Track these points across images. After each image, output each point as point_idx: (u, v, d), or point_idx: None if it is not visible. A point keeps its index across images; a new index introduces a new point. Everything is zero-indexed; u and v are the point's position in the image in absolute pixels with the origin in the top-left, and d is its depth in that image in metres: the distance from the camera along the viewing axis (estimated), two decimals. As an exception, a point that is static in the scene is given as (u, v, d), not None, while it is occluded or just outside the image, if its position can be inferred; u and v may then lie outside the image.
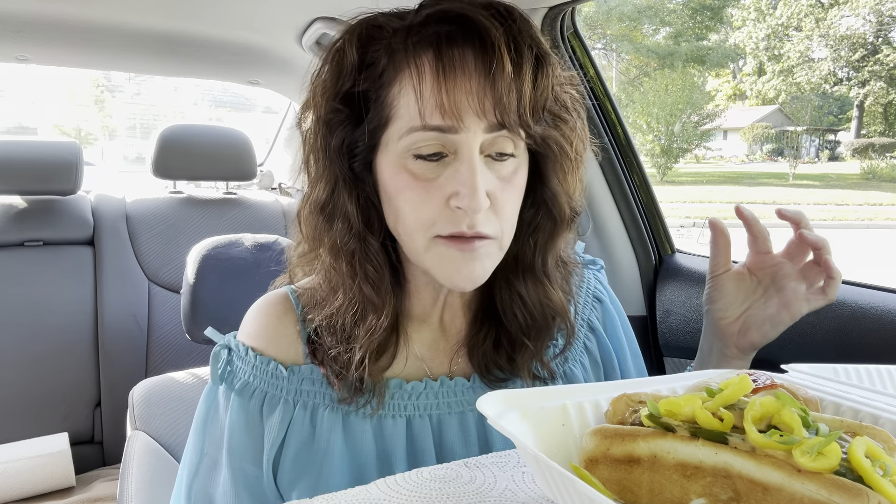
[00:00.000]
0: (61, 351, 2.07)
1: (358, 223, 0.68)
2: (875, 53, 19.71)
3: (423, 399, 0.73)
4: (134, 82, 19.99)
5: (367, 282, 0.69)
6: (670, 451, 0.40)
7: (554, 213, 0.72)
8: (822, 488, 0.35)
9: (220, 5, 1.48)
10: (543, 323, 0.74)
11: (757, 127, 20.61)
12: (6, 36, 1.63)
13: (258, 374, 0.72)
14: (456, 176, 0.63)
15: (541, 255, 0.74)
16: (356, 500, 0.45)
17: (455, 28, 0.64)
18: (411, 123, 0.63)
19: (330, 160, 0.68)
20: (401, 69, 0.65)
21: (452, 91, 0.62)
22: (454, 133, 0.63)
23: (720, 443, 0.39)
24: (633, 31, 20.82)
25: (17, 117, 20.08)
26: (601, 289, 0.87)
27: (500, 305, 0.75)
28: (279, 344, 0.74)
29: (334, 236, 0.69)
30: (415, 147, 0.64)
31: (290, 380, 0.72)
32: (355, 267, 0.69)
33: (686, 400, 0.42)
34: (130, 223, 2.26)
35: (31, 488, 1.85)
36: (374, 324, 0.69)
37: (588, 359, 0.82)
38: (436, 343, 0.77)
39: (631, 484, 0.42)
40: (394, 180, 0.66)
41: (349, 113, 0.67)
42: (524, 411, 0.47)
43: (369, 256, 0.69)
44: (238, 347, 0.74)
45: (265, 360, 0.72)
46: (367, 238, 0.69)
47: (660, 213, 1.58)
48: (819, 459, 0.36)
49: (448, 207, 0.64)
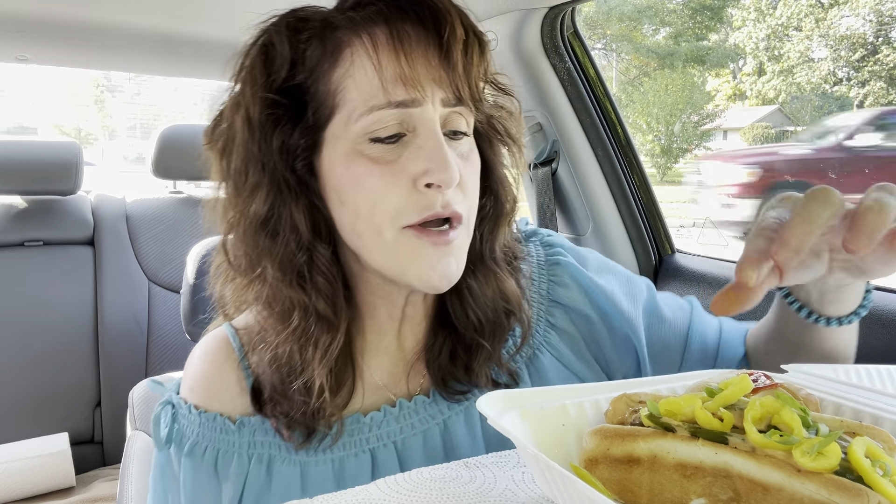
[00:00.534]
0: (61, 351, 2.07)
1: (307, 232, 0.63)
2: (875, 53, 19.70)
3: (385, 427, 0.68)
4: (134, 82, 20.01)
5: (321, 296, 0.63)
6: (670, 451, 0.40)
7: (501, 199, 0.70)
8: (822, 488, 0.35)
9: (219, 5, 1.48)
10: (496, 318, 0.70)
11: (757, 127, 20.59)
12: (6, 36, 1.63)
13: (206, 432, 0.67)
14: (420, 153, 0.59)
15: (489, 245, 0.70)
16: (356, 500, 0.45)
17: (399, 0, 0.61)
18: (370, 102, 0.59)
19: (269, 166, 0.62)
20: (344, 50, 0.61)
21: (412, 60, 0.59)
22: (417, 106, 0.59)
23: (720, 443, 0.39)
24: (633, 32, 20.81)
25: (17, 117, 20.08)
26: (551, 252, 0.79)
27: (451, 307, 0.70)
28: (223, 397, 0.68)
29: (279, 251, 0.62)
30: (372, 129, 0.59)
31: (240, 433, 0.66)
32: (306, 281, 0.63)
33: (686, 400, 0.42)
34: (130, 223, 2.26)
35: (31, 488, 1.85)
36: (328, 345, 0.63)
37: (556, 335, 0.75)
38: (394, 364, 0.72)
39: (631, 484, 0.42)
40: (349, 171, 0.60)
41: (286, 110, 0.62)
42: (524, 411, 0.47)
43: (321, 267, 0.63)
44: (181, 405, 0.69)
45: (211, 416, 0.67)
46: (317, 247, 0.63)
47: (660, 213, 1.58)
48: (819, 459, 0.36)
49: (416, 190, 0.59)
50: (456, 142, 0.64)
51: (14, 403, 2.02)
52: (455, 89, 0.61)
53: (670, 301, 0.81)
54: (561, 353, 0.75)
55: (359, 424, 0.68)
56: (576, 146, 1.53)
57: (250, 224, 0.63)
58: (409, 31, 0.60)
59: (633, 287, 0.78)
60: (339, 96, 0.60)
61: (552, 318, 0.76)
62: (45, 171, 2.11)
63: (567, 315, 0.76)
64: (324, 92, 0.61)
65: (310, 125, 0.62)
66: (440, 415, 0.70)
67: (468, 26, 0.62)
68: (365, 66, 0.59)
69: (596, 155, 1.53)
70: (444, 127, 0.62)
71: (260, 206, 0.62)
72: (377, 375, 0.71)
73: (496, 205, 0.71)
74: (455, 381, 0.70)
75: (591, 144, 1.53)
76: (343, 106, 0.60)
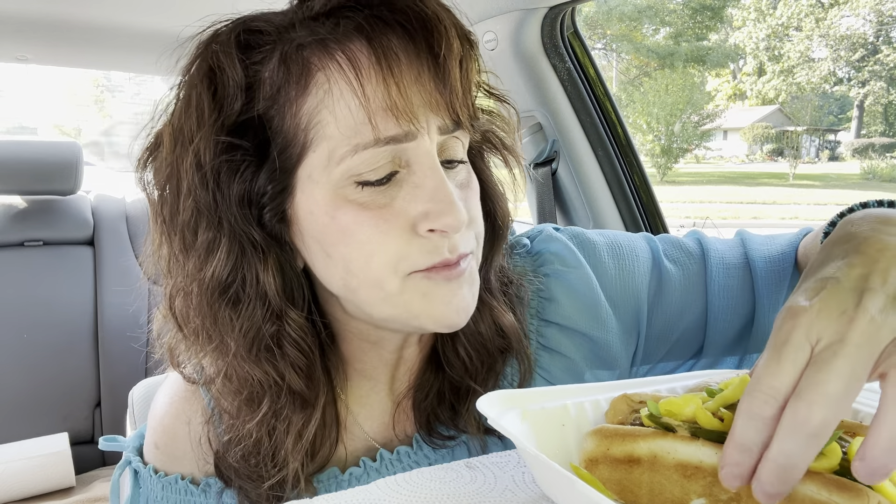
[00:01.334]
0: (61, 351, 2.07)
1: (277, 297, 0.52)
2: (875, 53, 19.71)
3: (365, 480, 0.60)
4: (134, 82, 19.98)
5: (294, 370, 0.54)
6: (670, 451, 0.40)
7: (497, 220, 0.63)
8: (823, 488, 0.35)
9: (219, 5, 1.47)
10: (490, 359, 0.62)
11: (757, 127, 20.61)
12: (6, 36, 1.63)
13: (170, 495, 0.61)
14: (418, 192, 0.50)
15: (483, 272, 0.61)
16: (357, 499, 0.45)
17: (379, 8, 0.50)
18: (355, 140, 0.49)
19: (228, 221, 0.51)
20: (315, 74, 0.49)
21: (404, 87, 0.48)
22: (411, 140, 0.50)
23: (721, 443, 0.39)
24: (633, 31, 20.82)
25: (17, 117, 20.07)
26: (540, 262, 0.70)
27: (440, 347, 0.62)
28: (190, 455, 0.61)
29: (243, 324, 0.52)
30: (359, 172, 0.49)
31: (206, 495, 0.60)
32: (275, 356, 0.53)
33: (686, 400, 0.42)
34: (130, 223, 2.26)
35: (31, 488, 1.85)
36: (302, 426, 0.55)
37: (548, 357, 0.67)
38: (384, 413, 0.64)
39: (631, 484, 0.42)
40: (334, 221, 0.50)
41: (245, 152, 0.51)
42: (525, 411, 0.47)
43: (293, 337, 0.53)
44: (141, 469, 0.63)
45: (173, 480, 0.61)
46: (288, 314, 0.53)
47: (660, 213, 1.58)
48: (819, 459, 0.36)
49: (417, 235, 0.51)
50: (452, 170, 0.55)
51: (14, 403, 2.02)
52: (453, 113, 0.52)
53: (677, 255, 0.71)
54: (553, 377, 0.66)
55: (337, 480, 0.60)
56: (576, 146, 1.53)
57: (206, 291, 0.52)
58: (396, 49, 0.49)
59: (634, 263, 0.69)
60: (314, 132, 0.50)
61: (543, 339, 0.67)
62: (45, 171, 2.11)
63: (561, 334, 0.67)
64: (292, 126, 0.50)
65: (277, 167, 0.51)
66: (426, 461, 0.62)
67: (463, 36, 0.52)
68: (345, 96, 0.49)
69: (596, 155, 1.53)
70: (439, 156, 0.53)
71: (219, 270, 0.51)
72: (365, 425, 0.64)
73: (493, 226, 0.63)
74: (440, 424, 0.62)
75: (591, 144, 1.53)
76: (319, 143, 0.50)
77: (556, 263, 0.68)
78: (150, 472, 0.63)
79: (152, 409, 0.66)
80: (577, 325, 0.67)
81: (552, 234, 0.71)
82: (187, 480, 0.61)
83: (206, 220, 0.51)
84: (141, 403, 1.26)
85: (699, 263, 0.70)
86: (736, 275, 0.68)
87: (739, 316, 0.68)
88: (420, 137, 0.50)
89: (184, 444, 0.62)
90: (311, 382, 0.55)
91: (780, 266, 0.67)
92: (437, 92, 0.50)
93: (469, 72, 0.52)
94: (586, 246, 0.70)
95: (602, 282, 0.68)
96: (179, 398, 0.64)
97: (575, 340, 0.67)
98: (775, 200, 13.02)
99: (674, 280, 0.69)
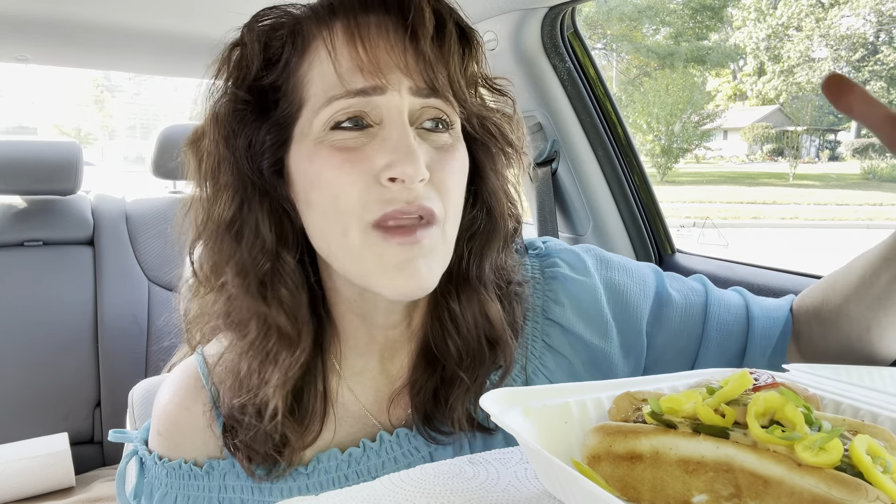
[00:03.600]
0: (61, 351, 2.07)
1: (270, 237, 0.59)
2: (875, 53, 19.72)
3: (365, 462, 0.63)
4: (134, 82, 20.01)
5: (281, 308, 0.59)
6: (672, 447, 0.41)
7: (494, 213, 0.65)
8: (822, 482, 0.35)
9: (219, 5, 1.48)
10: (478, 348, 0.64)
11: (757, 127, 20.62)
12: (6, 36, 1.63)
13: (174, 481, 0.64)
14: (385, 144, 0.55)
15: (476, 262, 0.64)
16: (361, 495, 0.46)
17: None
18: (329, 93, 0.56)
19: (236, 166, 0.59)
20: (310, 44, 0.59)
21: (371, 48, 0.56)
22: (380, 94, 0.56)
23: (722, 438, 0.40)
24: (633, 31, 20.83)
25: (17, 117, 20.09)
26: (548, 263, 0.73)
27: (431, 336, 0.65)
28: (193, 440, 0.65)
29: (242, 256, 0.59)
30: (333, 118, 0.56)
31: (209, 477, 0.64)
32: (267, 291, 0.59)
33: (687, 396, 0.43)
34: (130, 223, 2.26)
35: (31, 488, 1.85)
36: (287, 363, 0.59)
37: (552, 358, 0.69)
38: (379, 390, 0.67)
39: (633, 480, 0.42)
40: (312, 165, 0.57)
41: (253, 108, 0.60)
42: (527, 408, 0.47)
43: (284, 277, 0.59)
44: (146, 457, 0.66)
45: (176, 465, 0.64)
46: (281, 255, 0.60)
47: (660, 213, 1.58)
48: (821, 455, 0.36)
49: (379, 184, 0.55)
50: (433, 134, 0.59)
51: (14, 403, 2.02)
52: (427, 78, 0.57)
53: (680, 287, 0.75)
54: (556, 378, 0.68)
55: (336, 461, 0.63)
56: (576, 146, 1.53)
57: (217, 227, 0.60)
58: (370, 21, 0.57)
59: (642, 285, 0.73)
60: (304, 91, 0.58)
61: (548, 339, 0.70)
62: (45, 171, 2.11)
63: (564, 336, 0.70)
64: (292, 88, 0.59)
65: (276, 121, 0.60)
66: (426, 447, 0.65)
67: (444, 14, 0.58)
68: (324, 60, 0.57)
69: (596, 155, 1.54)
70: (417, 119, 0.58)
71: (226, 208, 0.59)
72: (362, 400, 0.66)
73: (488, 220, 0.65)
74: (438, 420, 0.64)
75: (591, 144, 1.53)
76: (308, 101, 0.58)
77: (566, 268, 0.72)
78: (155, 459, 0.65)
79: (156, 401, 0.69)
80: (579, 330, 0.69)
81: (568, 244, 0.76)
82: (190, 464, 0.64)
83: (222, 166, 0.60)
84: (141, 403, 1.26)
85: (701, 297, 0.74)
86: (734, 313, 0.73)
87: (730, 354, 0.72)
88: (389, 93, 0.56)
89: (186, 430, 0.65)
90: (296, 322, 0.60)
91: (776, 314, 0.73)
92: (409, 56, 0.57)
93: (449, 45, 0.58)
94: (600, 259, 0.74)
95: (609, 296, 0.71)
96: (182, 388, 0.67)
97: (575, 346, 0.69)
98: (775, 200, 13.03)
99: (676, 305, 0.73)
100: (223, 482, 0.64)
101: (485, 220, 0.65)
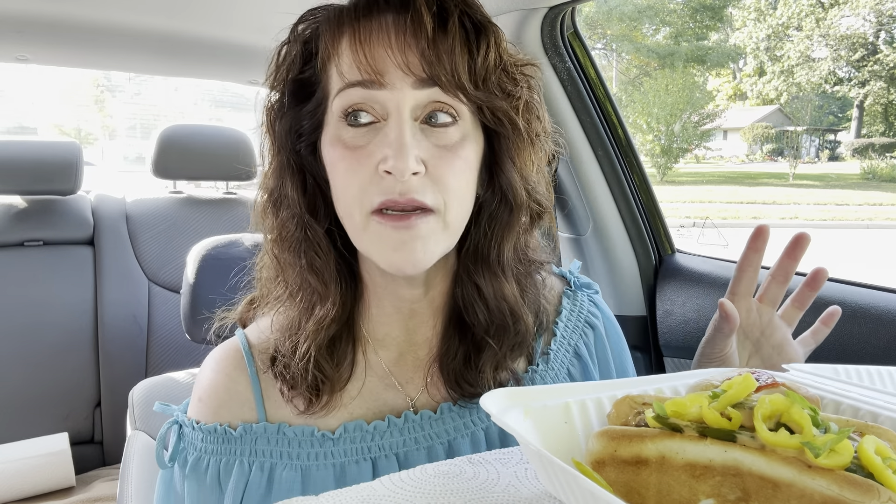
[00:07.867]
0: (61, 351, 2.07)
1: (301, 210, 0.67)
2: (875, 53, 19.72)
3: (388, 438, 0.68)
4: (134, 82, 20.02)
5: (312, 271, 0.68)
6: (679, 451, 0.40)
7: (510, 199, 0.68)
8: (833, 484, 0.35)
9: (219, 5, 1.48)
10: (502, 321, 0.70)
11: (757, 127, 20.62)
12: (6, 36, 1.63)
13: (208, 445, 0.68)
14: (385, 139, 0.60)
15: (496, 246, 0.69)
16: (361, 496, 0.45)
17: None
18: (337, 86, 0.63)
19: (278, 145, 0.68)
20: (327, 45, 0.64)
21: (368, 45, 0.60)
22: (378, 88, 0.60)
23: (729, 441, 0.39)
24: (633, 31, 20.83)
25: (17, 117, 20.09)
26: (596, 313, 0.81)
27: (462, 302, 0.70)
28: (231, 404, 0.70)
29: (280, 224, 0.68)
30: (342, 110, 0.62)
31: (243, 439, 0.68)
32: (300, 256, 0.67)
33: (692, 400, 0.42)
34: (130, 223, 2.26)
35: (31, 488, 1.85)
36: (321, 315, 0.67)
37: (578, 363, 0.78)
38: (402, 355, 0.73)
39: (638, 486, 0.42)
40: (330, 154, 0.64)
41: (296, 99, 0.68)
42: (527, 409, 0.47)
43: (312, 244, 0.67)
44: (185, 423, 0.71)
45: (212, 428, 0.69)
46: (311, 225, 0.67)
47: (660, 213, 1.58)
48: (832, 456, 0.36)
49: (377, 174, 0.60)
50: (438, 130, 0.62)
51: (14, 403, 2.02)
52: (427, 72, 0.60)
53: None
54: None
55: (361, 432, 0.68)
56: (576, 146, 1.53)
57: (264, 195, 0.70)
58: (373, 20, 0.62)
59: None
60: (329, 84, 0.65)
61: (573, 369, 0.78)
62: (45, 171, 2.11)
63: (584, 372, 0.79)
64: (321, 84, 0.66)
65: (310, 110, 0.67)
66: (446, 434, 0.70)
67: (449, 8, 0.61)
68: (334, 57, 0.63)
69: (596, 155, 1.53)
70: (423, 112, 0.62)
71: (269, 181, 0.69)
72: (385, 363, 0.72)
73: (503, 205, 0.69)
74: (467, 383, 0.70)
75: (591, 144, 1.53)
76: (329, 94, 0.65)
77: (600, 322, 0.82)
78: (193, 424, 0.70)
79: (198, 374, 0.75)
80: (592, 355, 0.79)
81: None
82: (225, 426, 0.69)
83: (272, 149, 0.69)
84: (141, 403, 1.26)
85: None
86: None
87: None
88: (389, 88, 0.60)
89: (224, 395, 0.71)
90: (324, 281, 0.68)
91: None
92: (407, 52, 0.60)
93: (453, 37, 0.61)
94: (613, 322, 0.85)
95: None
96: (224, 359, 0.73)
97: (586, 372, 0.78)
98: (775, 200, 13.02)
99: None
100: (254, 446, 0.68)
101: (501, 205, 0.69)
